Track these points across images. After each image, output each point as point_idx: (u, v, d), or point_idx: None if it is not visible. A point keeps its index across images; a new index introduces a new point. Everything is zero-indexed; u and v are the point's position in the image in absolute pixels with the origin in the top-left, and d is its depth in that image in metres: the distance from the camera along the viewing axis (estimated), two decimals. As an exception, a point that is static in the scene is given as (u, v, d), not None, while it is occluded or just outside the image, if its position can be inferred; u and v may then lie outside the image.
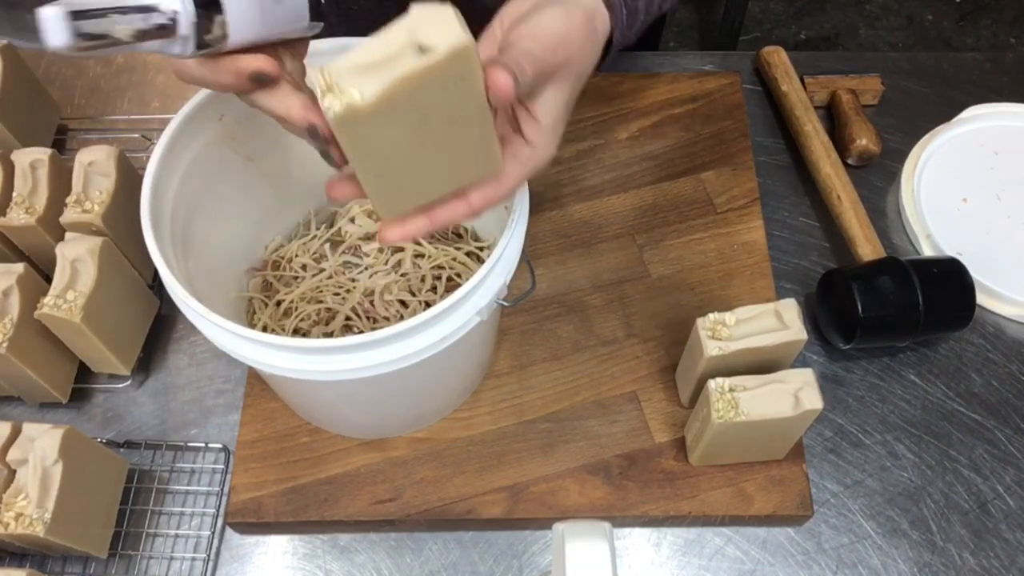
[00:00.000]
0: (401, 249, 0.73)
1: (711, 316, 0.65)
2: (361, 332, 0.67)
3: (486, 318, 0.56)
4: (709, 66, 0.92)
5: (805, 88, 0.88)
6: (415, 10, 0.43)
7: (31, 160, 0.73)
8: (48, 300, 0.66)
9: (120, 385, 0.75)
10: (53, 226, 0.72)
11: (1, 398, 0.74)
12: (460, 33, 0.42)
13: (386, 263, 0.73)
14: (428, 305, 0.70)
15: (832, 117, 0.88)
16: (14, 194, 0.72)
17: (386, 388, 0.62)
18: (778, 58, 0.89)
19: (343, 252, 0.74)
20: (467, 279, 0.69)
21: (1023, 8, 2.17)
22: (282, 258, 0.74)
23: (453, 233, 0.75)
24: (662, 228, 0.81)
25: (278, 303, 0.72)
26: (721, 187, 0.83)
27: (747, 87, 0.90)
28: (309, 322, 0.71)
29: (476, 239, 0.75)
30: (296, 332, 0.70)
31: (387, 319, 0.70)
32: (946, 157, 0.86)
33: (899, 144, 0.87)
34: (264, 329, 0.70)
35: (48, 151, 0.73)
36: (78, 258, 0.68)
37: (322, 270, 0.73)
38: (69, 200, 0.71)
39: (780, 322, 0.64)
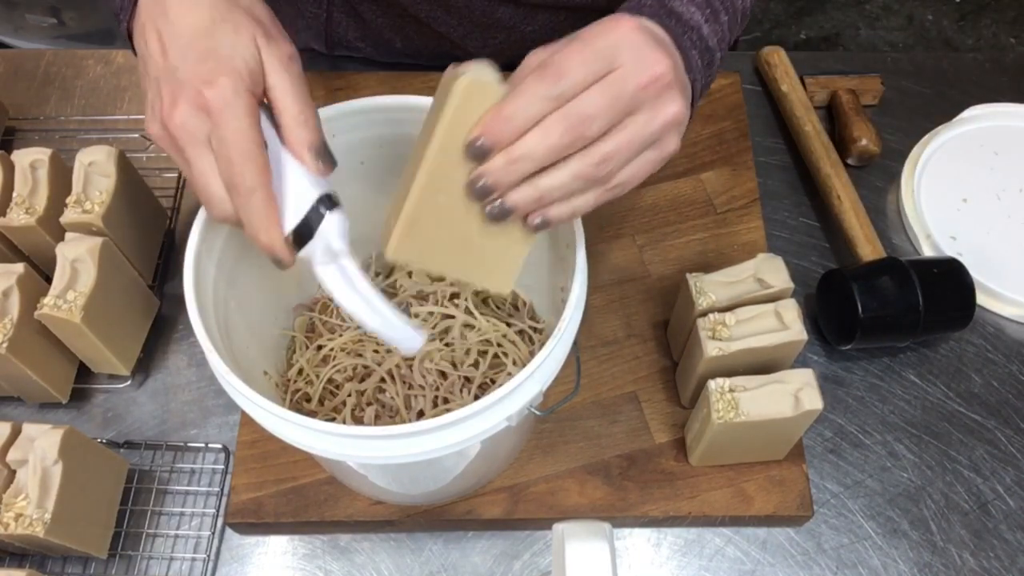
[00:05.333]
0: (451, 316, 0.70)
1: (711, 316, 0.65)
2: (393, 398, 0.67)
3: (515, 424, 0.53)
4: (709, 66, 0.92)
5: (805, 88, 0.88)
6: None
7: (31, 160, 0.73)
8: (48, 300, 0.66)
9: (120, 385, 0.75)
10: (53, 226, 0.72)
11: (1, 398, 0.74)
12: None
13: (433, 327, 0.70)
14: (467, 380, 0.68)
15: (832, 117, 0.88)
16: (14, 194, 0.72)
17: (402, 471, 0.61)
18: (778, 58, 0.89)
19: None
20: (512, 359, 0.68)
21: (1023, 8, 2.17)
22: (332, 300, 0.73)
23: (511, 304, 0.73)
24: (662, 228, 0.81)
25: (319, 347, 0.70)
26: (721, 187, 0.83)
27: (747, 87, 0.90)
28: (344, 375, 0.69)
29: (532, 317, 0.72)
30: (330, 382, 0.69)
31: (422, 388, 0.68)
32: (946, 157, 0.86)
33: (899, 144, 0.87)
34: (300, 372, 0.69)
35: (48, 151, 0.73)
36: (78, 258, 0.68)
37: None
38: (69, 200, 0.71)
39: (780, 322, 0.64)
